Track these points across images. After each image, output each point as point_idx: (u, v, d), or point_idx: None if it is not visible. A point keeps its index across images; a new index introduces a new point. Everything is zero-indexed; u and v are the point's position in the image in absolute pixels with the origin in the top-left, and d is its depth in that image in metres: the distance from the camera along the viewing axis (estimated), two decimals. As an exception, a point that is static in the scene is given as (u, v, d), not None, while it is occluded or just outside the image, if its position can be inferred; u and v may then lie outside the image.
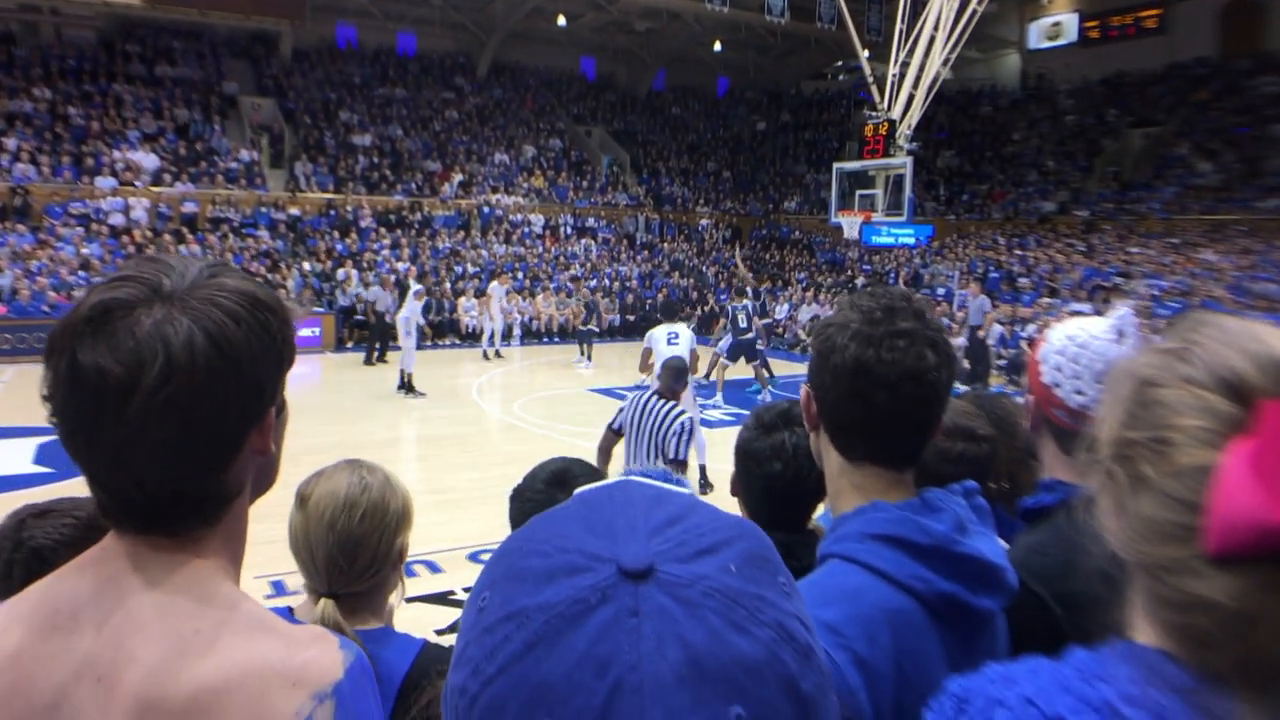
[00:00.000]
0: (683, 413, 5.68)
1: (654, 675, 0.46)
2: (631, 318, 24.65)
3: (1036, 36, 34.70)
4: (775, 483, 1.84)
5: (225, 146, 26.05)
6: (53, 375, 0.90)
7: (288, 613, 1.63)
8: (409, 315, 14.92)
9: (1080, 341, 1.58)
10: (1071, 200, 28.22)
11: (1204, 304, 18.30)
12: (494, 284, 20.44)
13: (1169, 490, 0.68)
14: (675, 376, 6.14)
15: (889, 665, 1.13)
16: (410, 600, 5.38)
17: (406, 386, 14.85)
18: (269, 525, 1.63)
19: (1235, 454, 0.64)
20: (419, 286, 15.96)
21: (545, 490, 2.01)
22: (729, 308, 15.76)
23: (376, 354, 18.27)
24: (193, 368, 0.88)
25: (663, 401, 5.79)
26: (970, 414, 2.02)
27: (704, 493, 9.11)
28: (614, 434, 5.86)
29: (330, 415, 12.75)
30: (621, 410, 5.87)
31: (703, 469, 9.56)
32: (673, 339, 9.98)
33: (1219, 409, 0.67)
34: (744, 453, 1.93)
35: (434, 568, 7.01)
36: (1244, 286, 18.85)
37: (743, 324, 14.69)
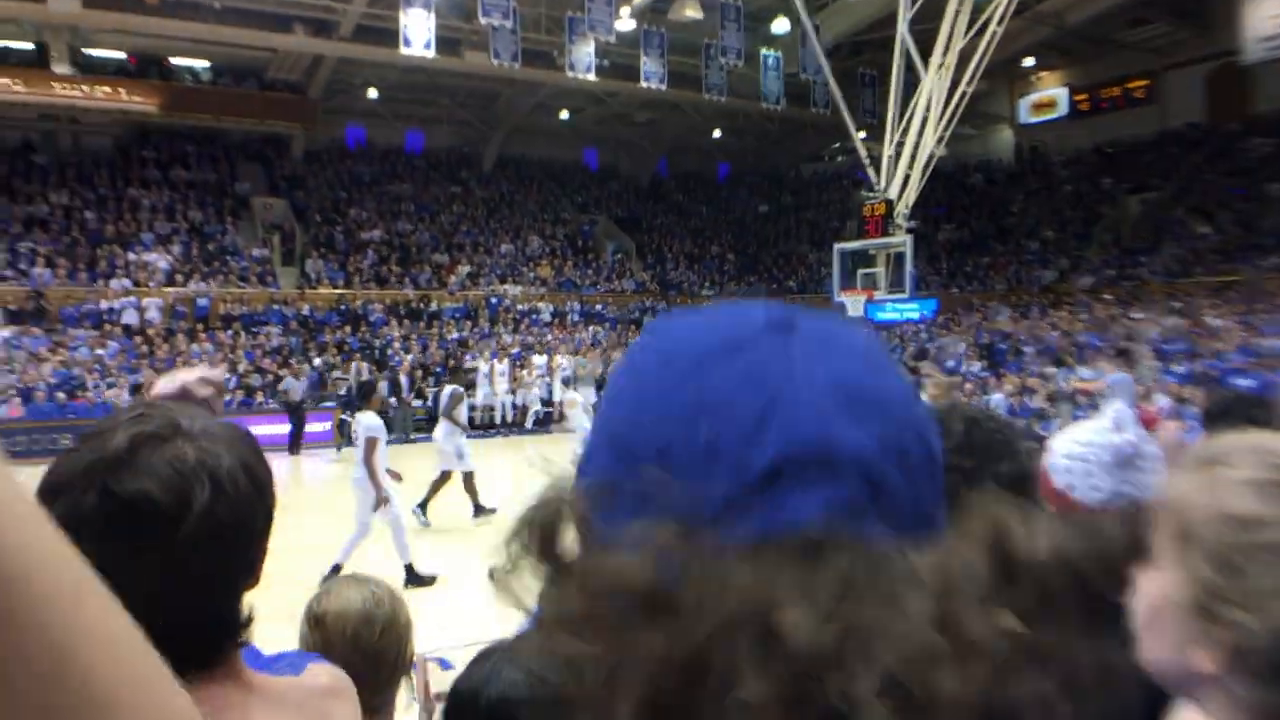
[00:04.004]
0: None
1: (808, 387, 0.49)
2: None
3: (1027, 111, 35.44)
4: None
5: (237, 245, 26.62)
6: (72, 511, 0.88)
7: None
8: (451, 432, 10.98)
9: (1083, 441, 1.58)
10: (1072, 268, 28.47)
11: (1210, 365, 18.31)
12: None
13: None
14: None
15: None
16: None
17: (477, 508, 11.22)
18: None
19: None
20: (454, 386, 11.65)
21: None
22: None
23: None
24: (236, 494, 0.94)
25: None
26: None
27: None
28: None
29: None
30: None
31: None
32: None
33: None
34: None
35: (445, 664, 6.79)
36: (1250, 346, 18.83)
37: None
